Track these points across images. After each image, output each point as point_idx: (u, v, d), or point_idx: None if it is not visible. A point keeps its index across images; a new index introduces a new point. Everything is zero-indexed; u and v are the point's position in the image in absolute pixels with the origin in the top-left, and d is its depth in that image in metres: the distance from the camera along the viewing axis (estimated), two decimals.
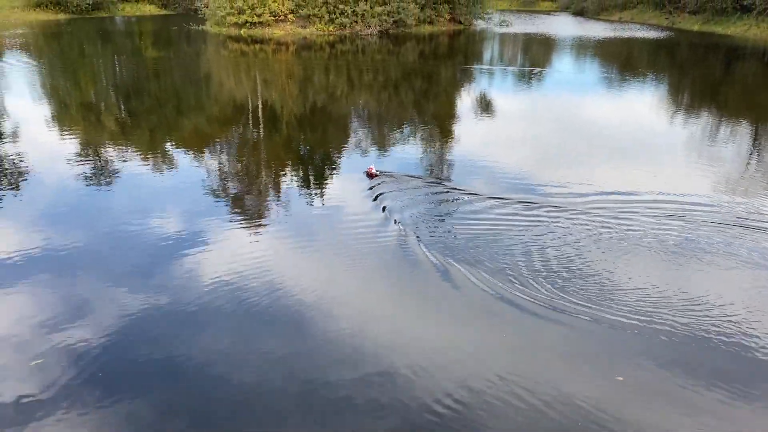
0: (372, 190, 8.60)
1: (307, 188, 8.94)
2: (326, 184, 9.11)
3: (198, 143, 11.72)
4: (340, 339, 5.02)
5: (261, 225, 7.54)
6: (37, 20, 41.81)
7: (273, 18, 34.32)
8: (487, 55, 29.22)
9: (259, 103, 15.82)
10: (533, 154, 11.06)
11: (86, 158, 10.29)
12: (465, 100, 16.93)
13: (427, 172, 9.77)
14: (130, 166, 9.86)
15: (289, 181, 9.27)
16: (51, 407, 4.15)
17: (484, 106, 15.98)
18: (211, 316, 5.33)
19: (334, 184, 9.10)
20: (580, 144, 12.05)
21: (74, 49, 27.51)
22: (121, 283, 5.87)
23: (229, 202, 8.47)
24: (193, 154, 10.90)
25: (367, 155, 10.74)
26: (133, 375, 4.55)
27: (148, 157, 10.51)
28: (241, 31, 33.73)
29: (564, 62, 26.60)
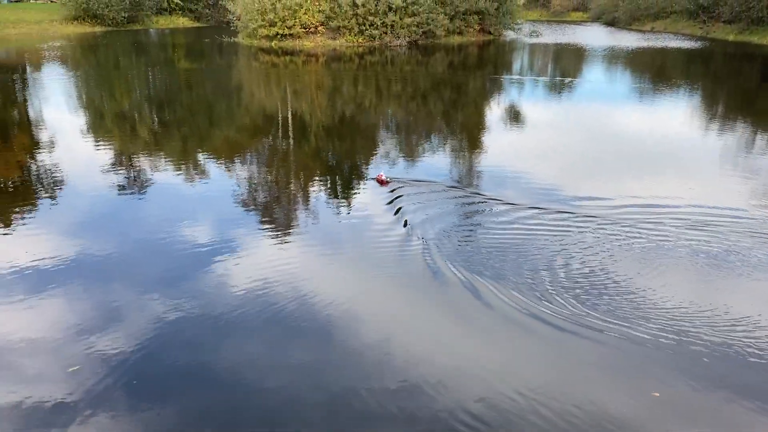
0: (392, 200, 8.58)
1: (335, 198, 8.96)
2: (353, 194, 9.12)
3: (228, 153, 11.87)
4: (367, 350, 4.99)
5: (289, 234, 7.57)
6: (75, 33, 43.03)
7: (303, 30, 34.71)
8: (517, 66, 29.06)
9: (289, 114, 15.97)
10: (564, 164, 10.92)
11: (120, 167, 10.50)
12: (494, 110, 16.84)
13: (455, 181, 9.69)
14: (163, 175, 10.04)
15: (317, 191, 9.31)
16: (87, 412, 4.21)
17: (514, 116, 15.86)
18: (240, 323, 5.36)
19: (360, 194, 9.10)
20: (619, 154, 11.86)
21: (110, 61, 28.21)
22: (153, 290, 5.95)
23: (257, 211, 8.54)
24: (223, 163, 11.06)
25: (396, 165, 10.73)
26: (165, 382, 4.60)
27: (180, 167, 10.69)
28: (272, 43, 34.20)
29: (595, 72, 26.28)
